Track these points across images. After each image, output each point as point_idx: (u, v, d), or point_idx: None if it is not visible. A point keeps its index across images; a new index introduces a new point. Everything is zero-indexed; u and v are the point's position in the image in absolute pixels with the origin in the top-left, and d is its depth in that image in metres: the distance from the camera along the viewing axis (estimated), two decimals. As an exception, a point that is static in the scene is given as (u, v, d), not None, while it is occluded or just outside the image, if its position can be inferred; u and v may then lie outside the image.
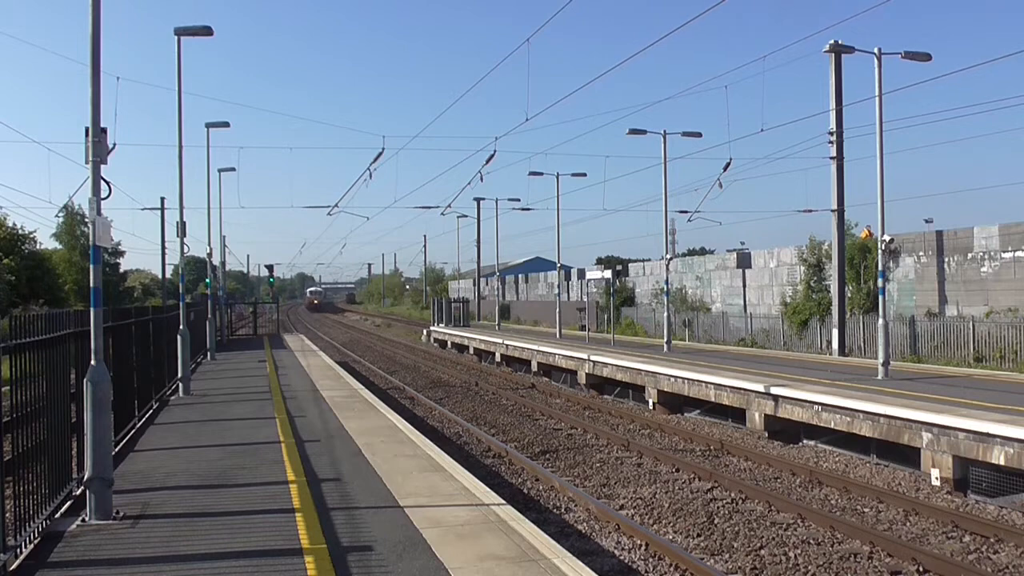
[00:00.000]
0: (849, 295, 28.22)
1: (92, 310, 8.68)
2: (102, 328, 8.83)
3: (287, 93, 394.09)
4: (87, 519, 8.34)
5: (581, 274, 53.95)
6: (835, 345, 26.92)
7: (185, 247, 23.46)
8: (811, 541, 9.94)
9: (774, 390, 17.07)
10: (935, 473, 12.89)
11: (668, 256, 30.59)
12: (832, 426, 15.53)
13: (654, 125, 57.43)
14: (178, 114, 20.53)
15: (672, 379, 21.35)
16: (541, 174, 38.91)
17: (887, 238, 19.77)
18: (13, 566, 6.86)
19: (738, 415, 18.66)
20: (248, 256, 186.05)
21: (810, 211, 28.91)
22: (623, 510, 11.56)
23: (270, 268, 67.76)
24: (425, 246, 72.61)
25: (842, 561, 9.25)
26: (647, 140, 32.96)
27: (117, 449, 11.67)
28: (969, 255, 25.52)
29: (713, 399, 19.48)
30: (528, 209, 45.55)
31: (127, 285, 78.66)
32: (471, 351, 41.68)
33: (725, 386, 18.95)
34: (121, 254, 70.64)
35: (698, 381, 20.18)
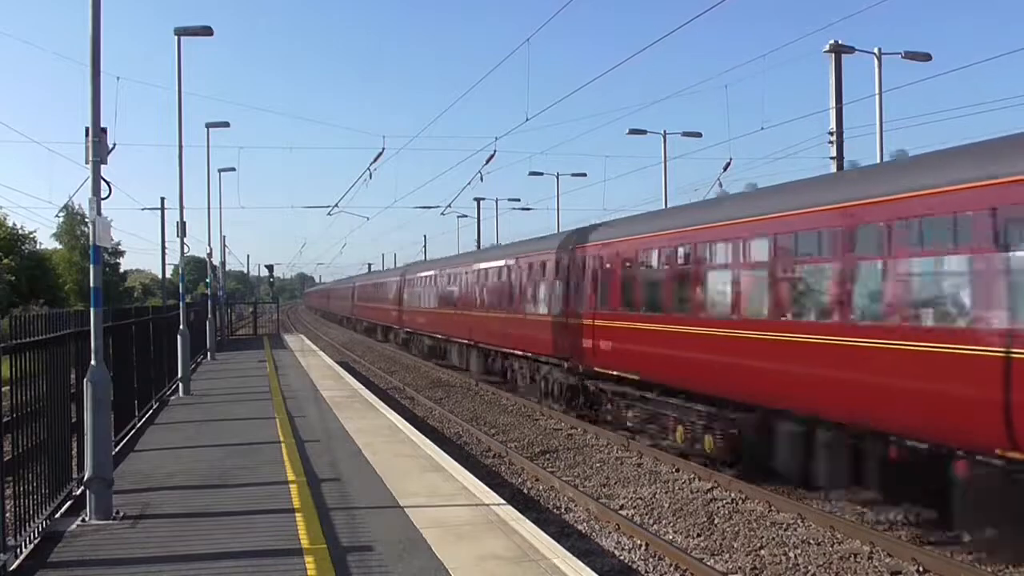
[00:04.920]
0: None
1: (92, 310, 8.68)
2: (102, 328, 8.83)
3: (287, 93, 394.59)
4: (87, 519, 8.34)
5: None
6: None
7: (185, 247, 23.52)
8: (811, 541, 9.93)
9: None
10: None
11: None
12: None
13: (654, 125, 57.46)
14: (178, 114, 20.56)
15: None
16: (541, 174, 39.07)
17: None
18: (13, 566, 6.86)
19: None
20: (248, 256, 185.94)
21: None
22: (623, 510, 11.56)
23: (270, 268, 68.01)
24: (425, 246, 72.28)
25: (842, 561, 9.24)
26: (647, 140, 32.97)
27: (117, 449, 11.68)
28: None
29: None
30: (528, 209, 45.85)
31: (127, 285, 78.77)
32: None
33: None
34: (121, 254, 70.82)
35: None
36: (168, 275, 51.25)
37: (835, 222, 10.22)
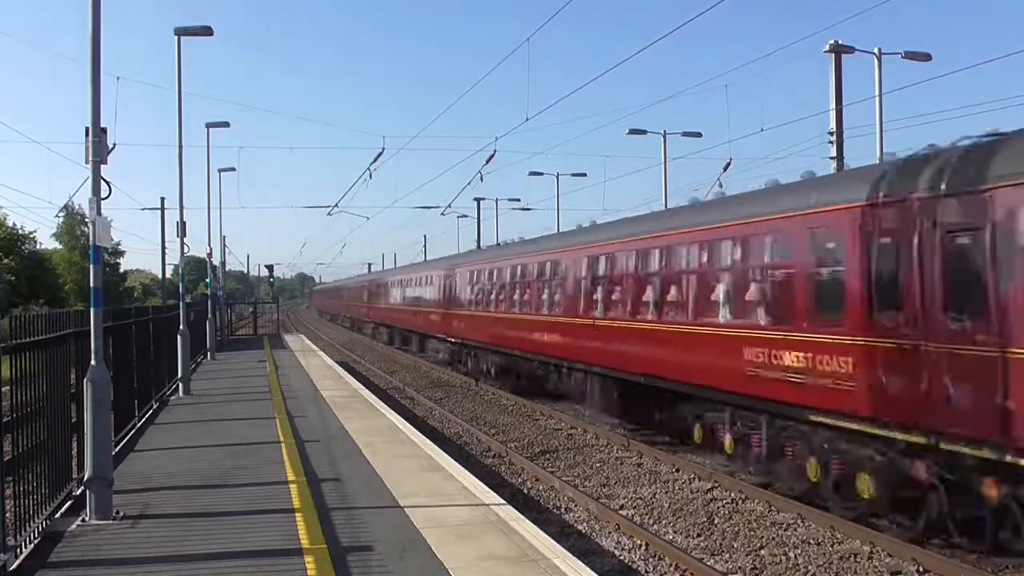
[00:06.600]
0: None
1: (92, 310, 8.69)
2: (102, 328, 8.83)
3: (288, 93, 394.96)
4: (87, 519, 8.34)
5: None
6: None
7: (185, 247, 23.53)
8: (811, 541, 9.93)
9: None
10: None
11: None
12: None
13: (654, 125, 57.55)
14: (178, 114, 20.57)
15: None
16: (541, 174, 39.05)
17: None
18: (13, 566, 6.86)
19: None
20: (248, 256, 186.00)
21: (810, 211, 28.81)
22: (623, 510, 11.56)
23: (270, 268, 67.86)
24: (425, 246, 72.12)
25: (842, 561, 9.24)
26: (647, 140, 33.02)
27: (117, 449, 11.68)
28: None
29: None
30: (528, 209, 45.81)
31: (127, 285, 78.77)
32: (471, 351, 41.21)
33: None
34: (121, 254, 70.84)
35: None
36: (168, 275, 51.27)
37: None
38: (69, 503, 8.84)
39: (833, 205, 10.60)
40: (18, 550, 7.09)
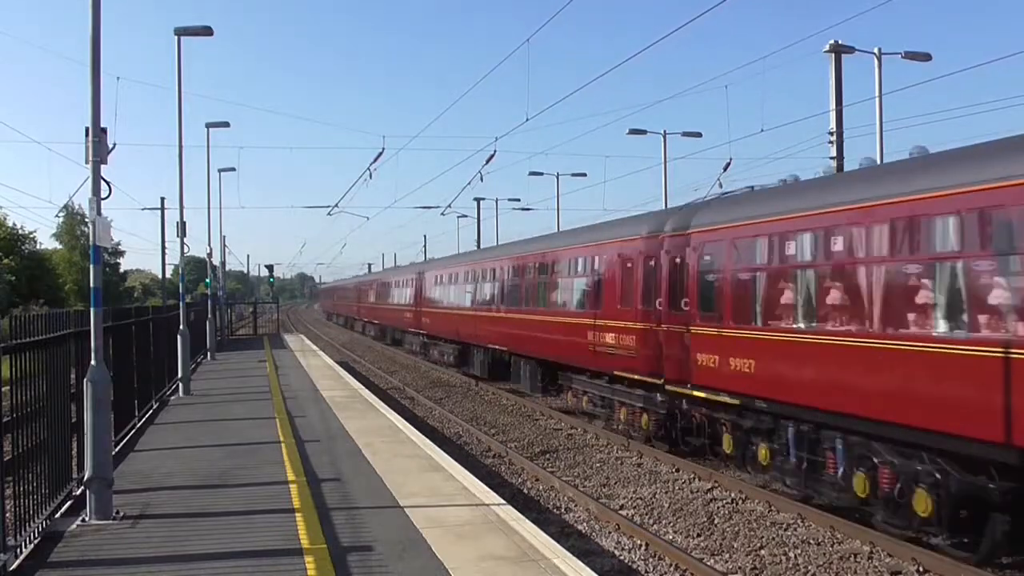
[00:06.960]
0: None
1: (92, 310, 8.69)
2: (102, 328, 8.84)
3: (288, 93, 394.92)
4: (87, 519, 8.34)
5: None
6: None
7: (185, 247, 23.52)
8: (811, 541, 9.93)
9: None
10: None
11: (668, 256, 29.65)
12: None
13: (654, 125, 57.56)
14: (178, 114, 20.58)
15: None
16: (541, 174, 39.05)
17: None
18: (13, 566, 6.86)
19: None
20: (248, 256, 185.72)
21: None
22: (623, 510, 11.56)
23: (270, 268, 67.91)
24: (425, 246, 71.91)
25: (842, 561, 9.24)
26: (647, 140, 33.04)
27: (117, 449, 11.68)
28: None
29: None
30: (528, 209, 45.80)
31: (127, 285, 78.80)
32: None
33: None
34: (121, 254, 70.87)
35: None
36: (168, 275, 51.25)
37: None
38: (69, 503, 8.84)
39: None
40: (18, 550, 7.09)
